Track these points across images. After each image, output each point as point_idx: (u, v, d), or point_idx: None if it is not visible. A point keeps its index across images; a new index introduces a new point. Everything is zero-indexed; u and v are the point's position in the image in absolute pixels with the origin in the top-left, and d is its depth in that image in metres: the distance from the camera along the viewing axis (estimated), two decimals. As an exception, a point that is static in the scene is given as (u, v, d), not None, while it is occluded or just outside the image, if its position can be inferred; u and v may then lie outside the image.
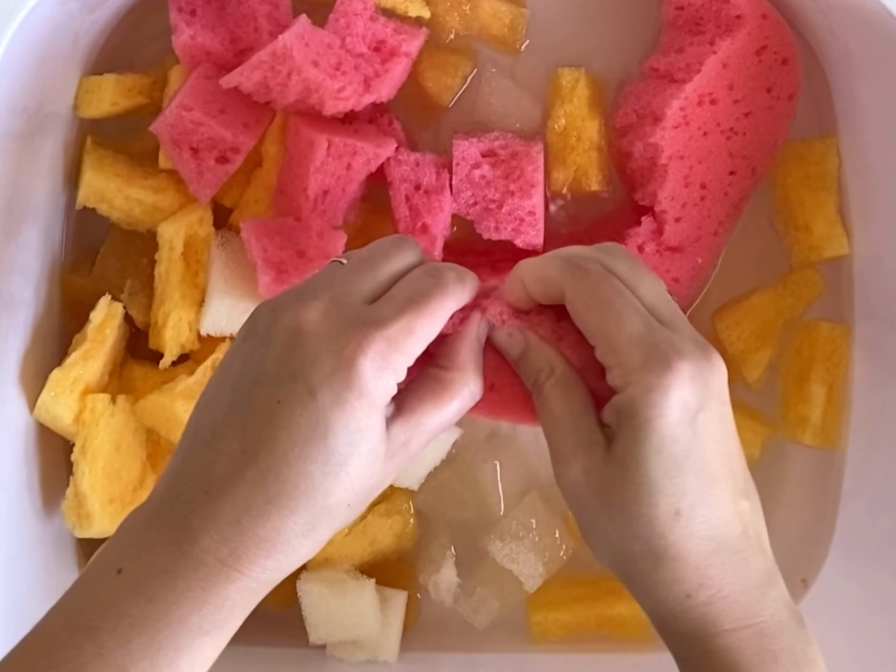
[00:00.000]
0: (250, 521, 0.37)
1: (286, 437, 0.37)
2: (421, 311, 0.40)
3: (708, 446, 0.40)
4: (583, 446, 0.40)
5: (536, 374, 0.43)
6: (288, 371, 0.38)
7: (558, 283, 0.42)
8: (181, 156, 0.56)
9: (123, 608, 0.37)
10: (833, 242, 0.60)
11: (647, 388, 0.38)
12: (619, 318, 0.40)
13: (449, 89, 0.61)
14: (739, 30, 0.57)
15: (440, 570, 0.63)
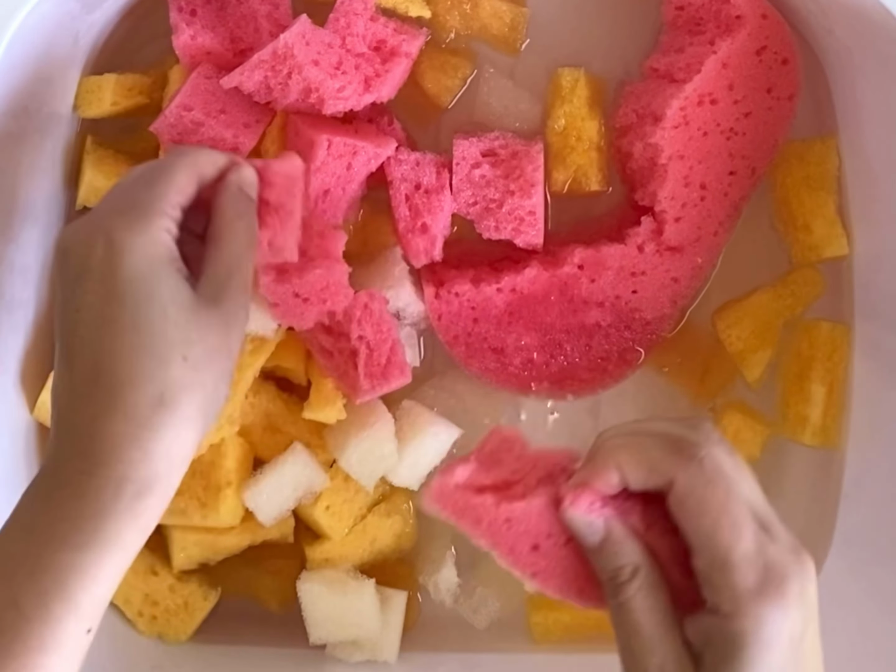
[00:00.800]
0: (100, 420, 0.38)
1: (92, 331, 0.39)
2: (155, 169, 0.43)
3: (809, 666, 0.38)
4: (672, 667, 0.37)
5: (616, 570, 0.39)
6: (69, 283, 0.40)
7: (665, 474, 0.38)
8: (181, 155, 0.56)
9: (7, 548, 0.38)
10: (833, 242, 0.60)
11: (761, 622, 0.35)
12: (737, 532, 0.37)
13: (448, 91, 0.61)
14: (739, 30, 0.57)
15: (440, 570, 0.63)
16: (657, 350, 0.62)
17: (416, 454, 0.59)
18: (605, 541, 0.39)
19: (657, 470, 0.38)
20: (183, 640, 0.61)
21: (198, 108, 0.55)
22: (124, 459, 0.37)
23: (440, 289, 0.60)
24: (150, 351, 0.38)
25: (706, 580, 0.37)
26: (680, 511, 0.38)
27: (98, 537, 0.37)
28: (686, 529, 0.38)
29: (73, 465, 0.38)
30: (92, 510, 0.37)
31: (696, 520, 0.37)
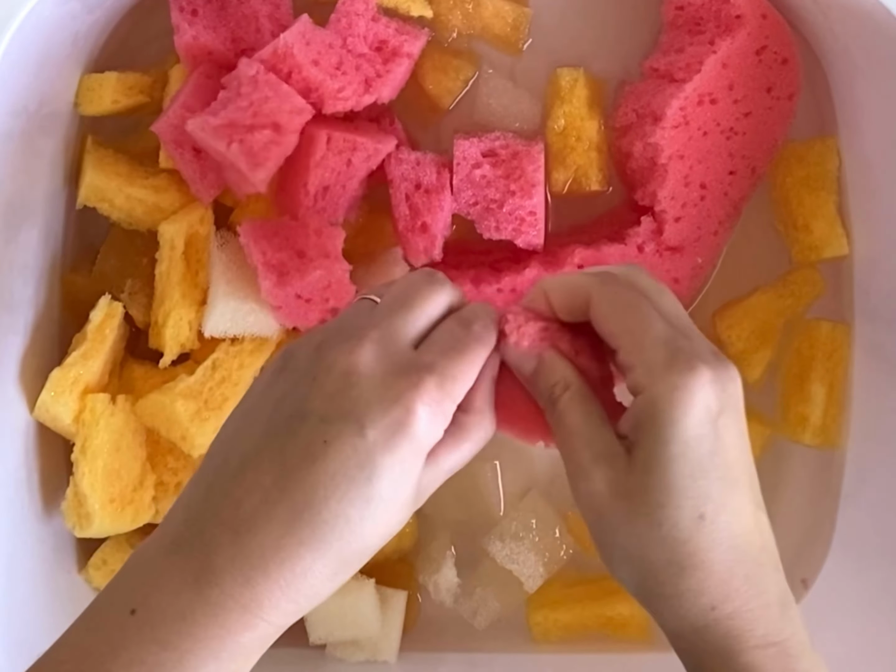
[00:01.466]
0: (278, 563, 0.36)
1: (329, 476, 0.36)
2: (463, 359, 0.40)
3: (729, 451, 0.39)
4: (603, 457, 0.40)
5: (551, 388, 0.42)
6: (338, 410, 0.37)
7: (584, 291, 0.41)
8: (183, 156, 0.56)
9: (136, 653, 0.35)
10: (833, 242, 0.61)
11: (672, 386, 0.38)
12: (646, 319, 0.40)
13: (449, 92, 0.61)
14: (739, 30, 0.57)
15: (440, 570, 0.63)
16: (657, 350, 0.62)
17: (416, 454, 0.59)
18: (538, 365, 0.42)
19: (577, 289, 0.42)
20: (183, 640, 0.61)
21: (200, 108, 0.55)
22: (281, 610, 0.37)
23: (440, 289, 0.60)
24: (361, 538, 0.37)
25: (626, 368, 0.40)
26: (598, 319, 0.41)
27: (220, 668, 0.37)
28: (605, 335, 0.41)
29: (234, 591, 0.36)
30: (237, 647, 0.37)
31: (611, 319, 0.40)
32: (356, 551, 0.37)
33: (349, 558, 0.37)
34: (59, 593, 0.59)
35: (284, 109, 0.53)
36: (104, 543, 0.60)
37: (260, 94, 0.53)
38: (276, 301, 0.54)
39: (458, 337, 0.41)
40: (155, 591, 0.36)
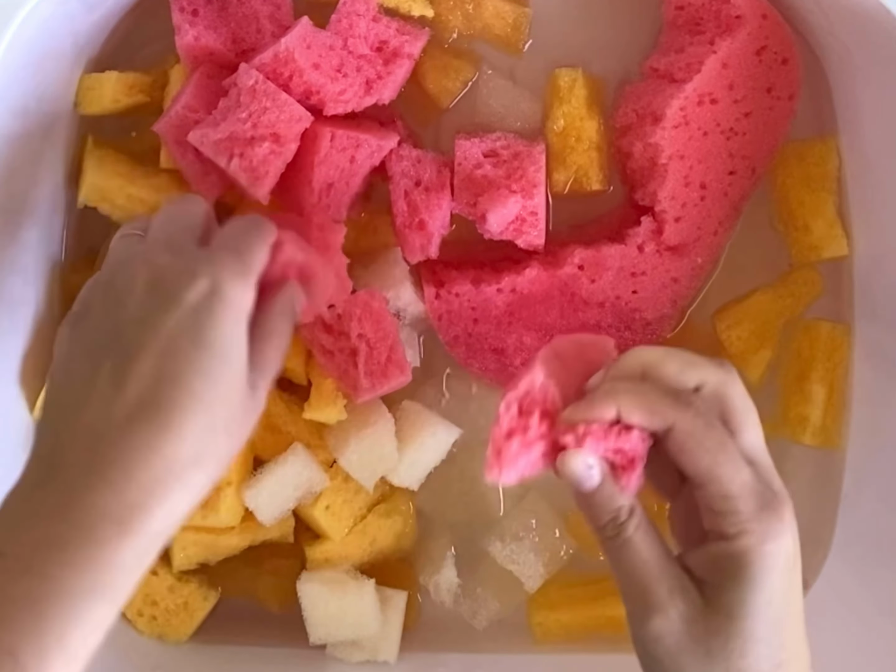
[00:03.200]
0: (141, 460, 0.37)
1: (162, 360, 0.38)
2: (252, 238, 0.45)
3: (798, 594, 0.41)
4: (680, 593, 0.40)
5: (616, 511, 0.40)
6: (157, 305, 0.40)
7: (666, 419, 0.40)
8: (185, 156, 0.56)
9: (9, 590, 0.36)
10: (833, 242, 0.61)
11: (763, 538, 0.38)
12: (735, 465, 0.39)
13: (449, 92, 0.61)
14: (739, 30, 0.57)
15: (440, 571, 0.63)
16: (657, 350, 0.62)
17: (416, 454, 0.59)
18: (602, 483, 0.41)
19: (656, 414, 0.40)
20: (183, 640, 0.61)
21: (202, 108, 0.55)
22: (154, 512, 0.37)
23: (440, 289, 0.60)
24: (210, 411, 0.38)
25: (709, 510, 0.40)
26: (680, 451, 0.40)
27: (109, 588, 0.36)
28: (685, 468, 0.40)
29: (99, 500, 0.36)
30: (113, 557, 0.36)
31: (697, 457, 0.39)
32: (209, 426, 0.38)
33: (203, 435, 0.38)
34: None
35: (283, 119, 0.53)
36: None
37: (259, 104, 0.53)
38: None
39: (239, 225, 0.46)
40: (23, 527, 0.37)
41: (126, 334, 0.40)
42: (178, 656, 0.61)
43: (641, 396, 0.40)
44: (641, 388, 0.41)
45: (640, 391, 0.41)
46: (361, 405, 0.57)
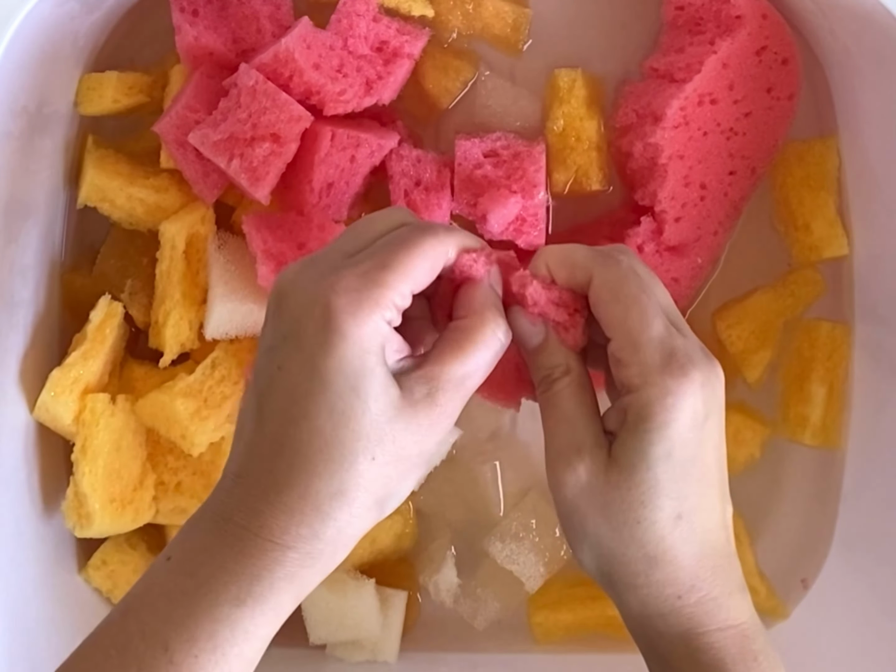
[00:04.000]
0: (276, 491, 0.37)
1: (288, 399, 0.38)
2: (397, 248, 0.39)
3: (709, 453, 0.41)
4: (589, 448, 0.41)
5: (551, 369, 0.42)
6: (279, 335, 0.39)
7: (586, 270, 0.42)
8: (186, 157, 0.56)
9: (165, 586, 0.37)
10: (833, 242, 0.61)
11: (666, 391, 0.39)
12: (646, 316, 0.40)
13: (448, 93, 0.61)
14: (739, 30, 0.57)
15: (440, 571, 0.63)
16: (657, 350, 0.62)
17: (417, 454, 0.59)
18: (544, 341, 0.43)
19: (579, 266, 0.42)
20: (183, 640, 0.61)
21: (203, 109, 0.55)
22: (293, 533, 0.37)
23: (440, 289, 0.60)
24: (341, 444, 0.37)
25: (618, 362, 0.40)
26: (596, 302, 0.41)
27: (255, 597, 0.37)
28: (601, 319, 0.41)
29: (243, 521, 0.37)
30: (254, 570, 0.37)
31: (610, 307, 0.41)
32: (347, 462, 0.37)
33: (343, 472, 0.37)
34: (59, 593, 0.59)
35: (283, 119, 0.53)
36: (104, 544, 0.60)
37: (258, 105, 0.53)
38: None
39: (394, 235, 0.40)
40: (186, 538, 0.39)
41: (261, 366, 0.39)
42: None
43: (567, 252, 0.43)
44: (568, 246, 0.44)
45: (565, 249, 0.43)
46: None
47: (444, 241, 0.40)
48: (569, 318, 0.43)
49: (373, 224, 0.42)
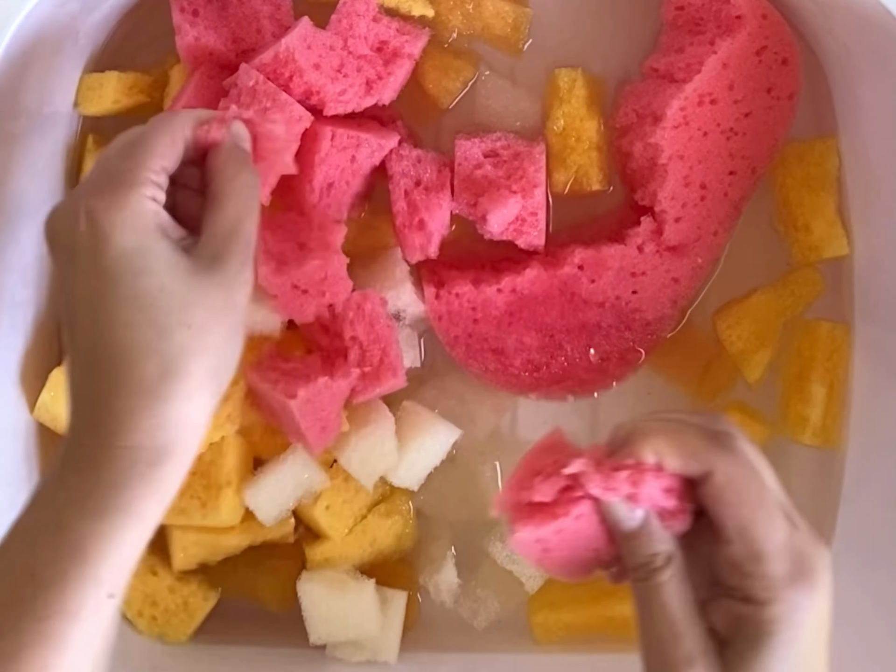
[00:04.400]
0: (110, 396, 0.38)
1: (90, 312, 0.39)
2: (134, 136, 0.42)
3: (824, 652, 0.39)
4: (699, 657, 0.38)
5: (652, 556, 0.39)
6: (63, 263, 0.40)
7: (705, 462, 0.38)
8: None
9: (27, 520, 0.38)
10: (833, 242, 0.61)
11: (795, 607, 0.37)
12: (772, 524, 0.38)
13: (448, 93, 0.61)
14: (739, 30, 0.57)
15: (440, 571, 0.63)
16: (657, 350, 0.62)
17: (416, 455, 0.59)
18: (643, 526, 0.39)
19: (696, 457, 0.38)
20: (183, 640, 0.61)
21: (203, 108, 0.55)
22: (136, 429, 0.37)
23: (441, 289, 0.60)
24: (150, 323, 0.38)
25: (739, 569, 0.38)
26: (717, 501, 0.38)
27: (114, 505, 0.37)
28: (719, 519, 0.38)
29: (88, 439, 0.38)
30: (108, 480, 0.37)
31: (734, 510, 0.38)
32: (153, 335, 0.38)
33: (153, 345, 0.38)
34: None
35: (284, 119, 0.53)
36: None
37: (259, 105, 0.53)
38: (272, 289, 0.54)
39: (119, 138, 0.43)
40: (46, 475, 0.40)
41: (62, 303, 0.41)
42: (179, 656, 0.61)
43: (680, 440, 0.39)
44: (678, 430, 0.39)
45: (678, 434, 0.39)
46: (362, 405, 0.57)
47: (177, 115, 0.43)
48: (678, 504, 0.39)
49: (114, 141, 0.44)
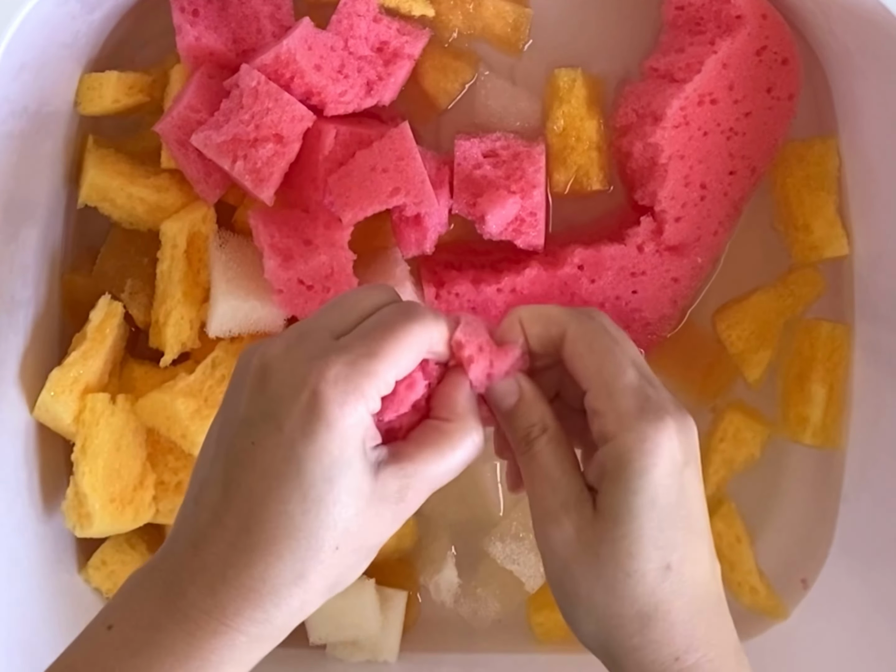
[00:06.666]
0: (235, 570, 0.36)
1: (260, 478, 0.37)
2: (385, 335, 0.38)
3: (693, 501, 0.40)
4: (574, 504, 0.40)
5: (528, 428, 0.42)
6: (258, 410, 0.38)
7: (560, 325, 0.42)
8: (187, 157, 0.56)
9: (107, 662, 0.36)
10: (833, 242, 0.61)
11: (643, 436, 0.38)
12: (620, 366, 0.40)
13: (447, 93, 0.61)
14: (739, 30, 0.57)
15: (441, 571, 0.63)
16: (657, 350, 0.62)
17: (417, 454, 0.59)
18: (519, 401, 0.42)
19: (553, 321, 0.42)
20: (183, 640, 0.61)
21: (205, 109, 0.55)
22: (246, 617, 0.37)
23: (440, 289, 0.60)
24: (308, 531, 0.37)
25: (594, 413, 0.40)
26: (571, 355, 0.41)
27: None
28: (576, 372, 0.41)
29: (198, 599, 0.37)
30: (202, 654, 0.36)
31: (585, 359, 0.41)
32: (313, 550, 0.37)
33: (306, 558, 0.37)
34: (59, 593, 0.59)
35: (286, 119, 0.53)
36: (103, 544, 0.60)
37: (261, 105, 0.53)
38: (277, 283, 0.54)
39: (388, 317, 0.40)
40: (130, 607, 0.38)
41: (232, 437, 0.38)
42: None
43: (541, 309, 0.43)
44: (541, 305, 0.44)
45: (539, 306, 0.44)
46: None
47: (430, 329, 0.40)
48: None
49: (359, 302, 0.41)
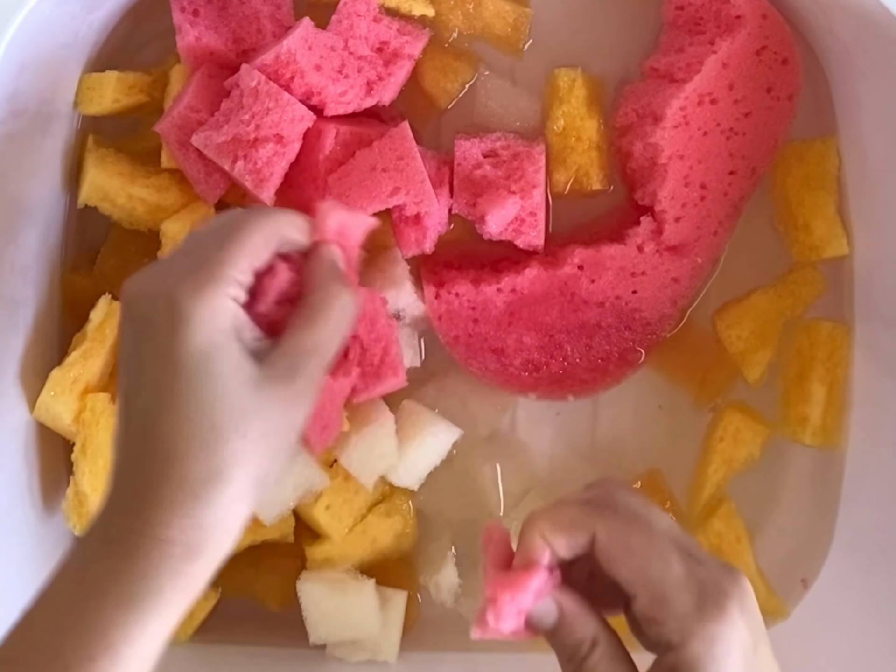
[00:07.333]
0: (151, 486, 0.38)
1: (150, 394, 0.38)
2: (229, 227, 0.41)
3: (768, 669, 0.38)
4: None
5: (576, 647, 0.39)
6: (133, 337, 0.40)
7: (586, 527, 0.39)
8: (188, 157, 0.56)
9: (55, 596, 0.38)
10: (833, 242, 0.61)
11: (710, 640, 0.36)
12: (664, 561, 0.38)
13: (447, 93, 0.61)
14: (739, 30, 0.57)
15: (441, 571, 0.63)
16: (657, 350, 0.62)
17: (417, 454, 0.59)
18: (559, 620, 0.39)
19: (577, 526, 0.39)
20: (183, 640, 0.61)
21: (205, 109, 0.55)
22: (174, 525, 0.37)
23: (440, 289, 0.60)
24: (208, 425, 0.38)
25: (650, 621, 0.38)
26: (608, 561, 0.38)
27: (143, 596, 0.37)
28: (618, 577, 0.38)
29: (125, 522, 0.38)
30: (140, 569, 0.37)
31: (625, 562, 0.38)
32: (210, 439, 0.38)
33: (209, 450, 0.38)
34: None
35: (286, 119, 0.53)
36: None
37: (261, 105, 0.53)
38: None
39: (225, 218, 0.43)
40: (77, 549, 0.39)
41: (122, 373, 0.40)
42: (178, 656, 0.61)
43: (557, 515, 0.40)
44: (556, 507, 0.41)
45: (555, 511, 0.40)
46: (362, 404, 0.57)
47: (275, 215, 0.42)
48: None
49: (208, 224, 0.43)
